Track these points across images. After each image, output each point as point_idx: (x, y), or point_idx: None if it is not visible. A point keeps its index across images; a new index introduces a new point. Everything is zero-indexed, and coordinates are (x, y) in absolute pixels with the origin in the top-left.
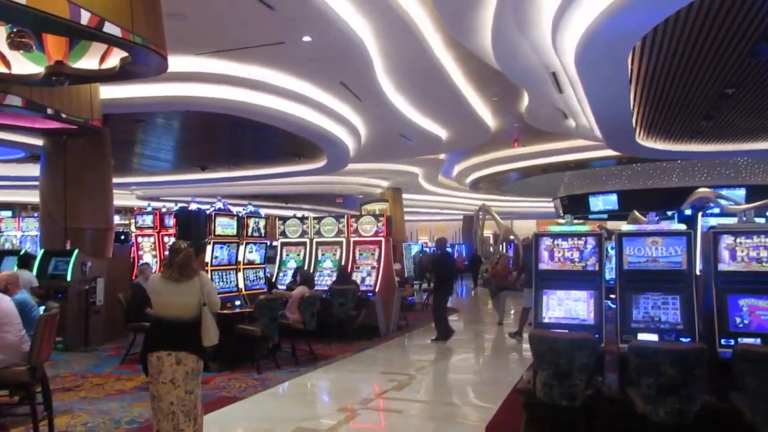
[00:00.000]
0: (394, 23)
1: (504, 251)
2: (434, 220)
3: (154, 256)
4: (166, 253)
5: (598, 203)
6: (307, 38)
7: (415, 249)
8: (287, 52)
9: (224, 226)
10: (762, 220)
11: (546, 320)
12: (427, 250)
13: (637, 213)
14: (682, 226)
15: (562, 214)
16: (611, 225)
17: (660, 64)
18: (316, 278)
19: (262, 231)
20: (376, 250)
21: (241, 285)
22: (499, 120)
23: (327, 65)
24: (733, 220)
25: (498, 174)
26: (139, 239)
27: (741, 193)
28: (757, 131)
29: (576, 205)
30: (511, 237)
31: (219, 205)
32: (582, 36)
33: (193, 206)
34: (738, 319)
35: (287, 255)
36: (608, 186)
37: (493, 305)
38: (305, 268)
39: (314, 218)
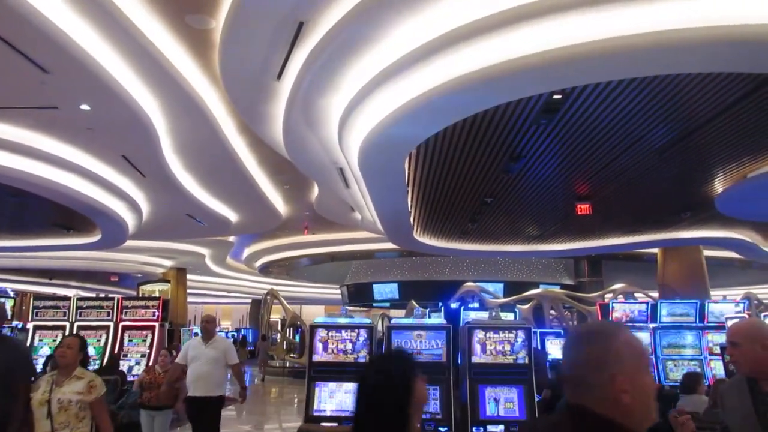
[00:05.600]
0: (185, 103)
1: (291, 336)
2: (221, 303)
3: None
4: None
5: (381, 292)
6: (84, 106)
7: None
8: (61, 118)
9: None
10: (510, 315)
11: (317, 413)
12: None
13: (414, 303)
14: (443, 321)
15: (348, 301)
16: (394, 313)
17: (433, 171)
18: None
19: (9, 313)
20: (148, 335)
21: None
22: (290, 207)
23: (107, 136)
24: (486, 315)
25: (288, 259)
26: None
27: (499, 286)
28: (511, 235)
29: (361, 293)
30: (298, 323)
31: None
32: (364, 140)
33: None
34: (487, 408)
35: (41, 340)
36: (390, 276)
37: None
38: None
39: (79, 299)
